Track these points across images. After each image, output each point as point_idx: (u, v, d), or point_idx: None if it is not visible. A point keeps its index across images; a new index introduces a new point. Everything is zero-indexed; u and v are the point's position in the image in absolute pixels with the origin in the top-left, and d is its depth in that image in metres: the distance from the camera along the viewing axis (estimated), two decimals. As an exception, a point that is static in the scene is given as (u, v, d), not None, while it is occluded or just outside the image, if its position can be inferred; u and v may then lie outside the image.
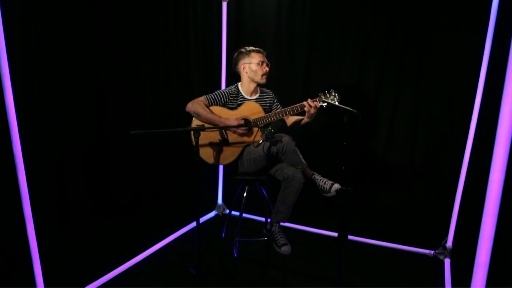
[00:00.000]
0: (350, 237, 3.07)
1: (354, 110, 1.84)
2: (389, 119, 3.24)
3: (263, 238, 2.66)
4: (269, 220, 2.62)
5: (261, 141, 2.24)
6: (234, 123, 2.43)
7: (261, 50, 2.60)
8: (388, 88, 3.20)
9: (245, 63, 2.58)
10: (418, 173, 3.20)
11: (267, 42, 3.44)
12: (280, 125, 2.30)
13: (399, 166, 3.24)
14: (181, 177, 3.35)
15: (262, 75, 2.57)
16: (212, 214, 3.65)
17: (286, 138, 2.32)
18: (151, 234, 2.98)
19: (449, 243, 2.76)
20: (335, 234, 3.10)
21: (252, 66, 2.56)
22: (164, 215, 3.29)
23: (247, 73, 2.58)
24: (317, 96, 2.37)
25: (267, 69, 2.58)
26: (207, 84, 3.53)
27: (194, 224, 3.32)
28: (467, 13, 2.77)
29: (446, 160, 3.00)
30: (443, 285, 2.43)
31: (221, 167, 3.65)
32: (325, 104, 2.33)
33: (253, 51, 2.57)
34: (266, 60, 2.60)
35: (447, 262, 2.71)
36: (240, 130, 2.47)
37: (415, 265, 2.72)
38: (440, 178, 3.07)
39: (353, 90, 3.29)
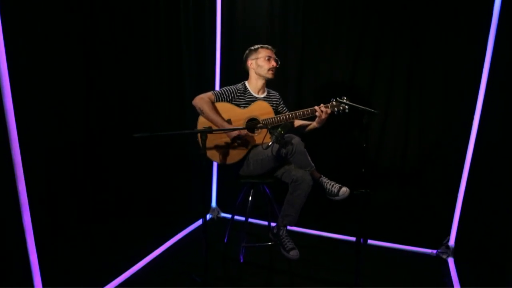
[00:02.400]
0: (351, 238, 3.05)
1: (375, 111, 1.80)
2: (384, 116, 3.21)
3: (268, 243, 2.59)
4: (272, 224, 2.55)
5: (270, 142, 2.17)
6: (235, 134, 2.38)
7: (270, 47, 2.57)
8: (384, 84, 3.15)
9: (252, 59, 2.56)
10: (417, 172, 3.18)
11: (261, 39, 3.34)
12: (290, 127, 2.24)
13: (398, 165, 3.22)
14: (177, 180, 3.24)
15: (269, 70, 2.52)
16: (206, 217, 3.54)
17: (296, 139, 2.25)
18: (148, 240, 2.84)
19: (451, 242, 2.78)
20: (342, 237, 3.10)
21: (259, 61, 2.53)
22: (160, 220, 3.14)
23: (254, 69, 2.55)
24: (329, 101, 2.33)
25: (274, 64, 2.54)
26: (200, 82, 3.42)
27: (189, 229, 3.23)
28: (468, 9, 2.75)
29: (446, 158, 3.00)
30: (451, 284, 2.44)
31: (215, 169, 3.55)
32: (336, 110, 2.30)
33: (262, 47, 2.56)
34: (274, 56, 2.56)
35: (451, 261, 2.73)
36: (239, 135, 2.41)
37: (419, 265, 2.73)
38: (441, 177, 3.07)
39: (347, 87, 3.23)
